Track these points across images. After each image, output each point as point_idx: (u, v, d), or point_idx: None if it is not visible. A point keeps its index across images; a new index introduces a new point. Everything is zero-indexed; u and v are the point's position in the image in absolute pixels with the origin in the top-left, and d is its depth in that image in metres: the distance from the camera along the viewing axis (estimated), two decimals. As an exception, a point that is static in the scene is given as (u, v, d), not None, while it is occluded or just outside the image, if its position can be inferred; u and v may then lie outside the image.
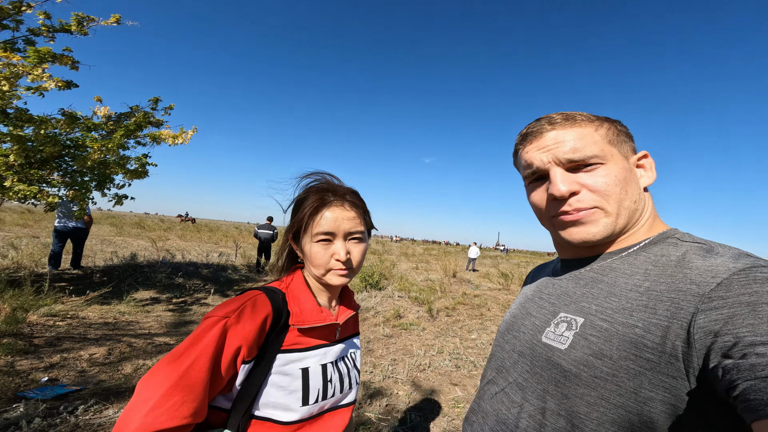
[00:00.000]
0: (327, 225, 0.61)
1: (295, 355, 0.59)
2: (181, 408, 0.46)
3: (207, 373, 0.49)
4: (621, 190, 0.46)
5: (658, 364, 0.36)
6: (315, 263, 0.62)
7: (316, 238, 0.62)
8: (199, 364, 0.49)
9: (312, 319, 0.61)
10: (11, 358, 2.26)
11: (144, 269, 5.26)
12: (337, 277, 0.63)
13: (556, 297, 0.52)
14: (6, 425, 1.61)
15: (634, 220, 0.48)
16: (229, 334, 0.52)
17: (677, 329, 0.36)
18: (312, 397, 0.59)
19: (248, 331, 0.53)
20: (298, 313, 0.61)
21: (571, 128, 0.48)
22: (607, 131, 0.48)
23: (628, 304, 0.41)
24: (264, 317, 0.56)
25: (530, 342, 0.50)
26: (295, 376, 0.58)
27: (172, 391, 0.47)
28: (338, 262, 0.62)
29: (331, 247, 0.62)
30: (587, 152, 0.46)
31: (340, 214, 0.62)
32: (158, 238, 9.71)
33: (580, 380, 0.41)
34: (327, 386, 0.61)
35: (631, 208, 0.47)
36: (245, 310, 0.55)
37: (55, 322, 3.00)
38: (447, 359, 3.17)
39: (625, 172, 0.47)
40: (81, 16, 3.60)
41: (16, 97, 3.09)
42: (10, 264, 4.76)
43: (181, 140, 3.97)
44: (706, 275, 0.37)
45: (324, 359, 0.63)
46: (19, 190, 3.06)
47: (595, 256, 0.51)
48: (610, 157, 0.47)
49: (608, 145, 0.47)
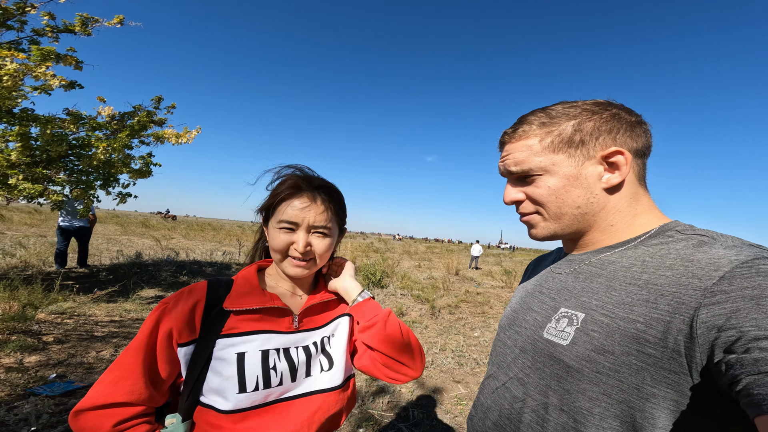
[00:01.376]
0: (291, 214, 0.61)
1: (231, 339, 0.58)
2: (117, 384, 0.51)
3: (142, 352, 0.53)
4: (557, 198, 0.50)
5: (660, 359, 0.36)
6: (274, 248, 0.63)
7: (279, 224, 0.62)
8: (134, 345, 0.54)
9: (247, 303, 0.60)
10: (20, 354, 2.30)
11: (149, 268, 5.32)
12: (292, 267, 0.62)
13: (557, 291, 0.51)
14: (16, 420, 1.64)
15: (588, 221, 0.50)
16: (164, 318, 0.56)
17: (679, 324, 0.36)
18: (249, 385, 0.56)
19: (179, 313, 0.56)
20: (234, 298, 0.61)
21: (518, 141, 0.52)
22: (554, 138, 0.49)
23: (628, 298, 0.41)
24: (195, 301, 0.58)
25: (532, 337, 0.50)
26: (230, 361, 0.56)
27: (112, 369, 0.53)
28: (296, 252, 0.62)
29: (292, 236, 0.62)
30: (525, 167, 0.51)
31: (308, 205, 0.62)
32: (163, 237, 9.80)
33: (582, 376, 0.41)
34: (269, 374, 0.58)
35: (574, 213, 0.50)
36: (182, 296, 0.58)
37: (63, 319, 3.05)
38: (450, 357, 3.17)
39: (565, 181, 0.49)
40: (85, 17, 3.63)
41: (23, 97, 3.12)
42: (18, 263, 4.83)
43: (185, 139, 3.99)
44: (708, 268, 0.37)
45: (266, 344, 0.59)
46: (24, 189, 3.09)
47: (594, 250, 0.51)
48: (551, 166, 0.49)
49: (551, 153, 0.49)
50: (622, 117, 0.49)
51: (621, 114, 0.49)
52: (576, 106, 0.50)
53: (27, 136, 3.23)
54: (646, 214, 0.49)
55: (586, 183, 0.48)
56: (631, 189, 0.49)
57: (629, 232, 0.49)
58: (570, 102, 0.52)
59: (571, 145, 0.48)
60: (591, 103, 0.51)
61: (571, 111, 0.50)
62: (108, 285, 4.31)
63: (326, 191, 0.65)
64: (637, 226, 0.49)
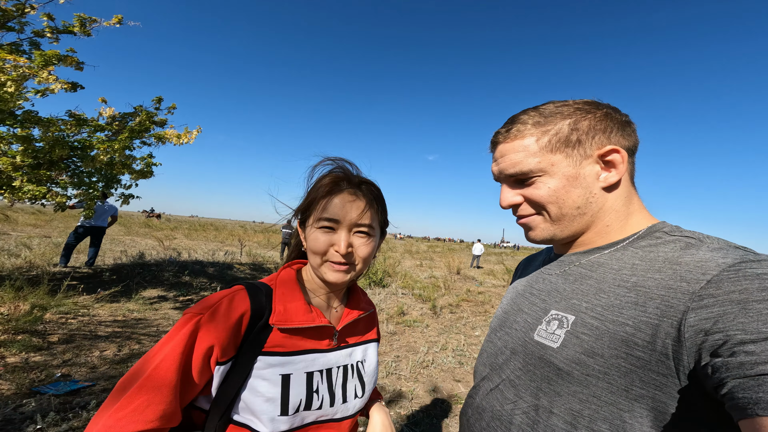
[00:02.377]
0: (332, 210, 0.56)
1: (276, 359, 0.53)
2: (145, 411, 0.43)
3: (176, 374, 0.45)
4: (557, 199, 0.48)
5: (649, 362, 0.36)
6: (312, 250, 0.57)
7: (318, 223, 0.56)
8: (167, 364, 0.45)
9: (296, 320, 0.55)
10: (26, 354, 2.33)
11: (152, 268, 5.36)
12: (332, 271, 0.56)
13: (547, 293, 0.51)
14: (22, 419, 1.66)
15: (587, 222, 0.49)
16: (200, 332, 0.48)
17: (667, 327, 0.36)
18: (292, 407, 0.52)
19: (221, 329, 0.49)
20: (281, 312, 0.54)
21: (513, 141, 0.51)
22: (551, 138, 0.48)
23: (617, 300, 0.41)
24: (240, 315, 0.51)
25: (522, 339, 0.50)
26: (275, 382, 0.52)
27: (137, 392, 0.43)
28: (336, 254, 0.55)
29: (332, 236, 0.56)
30: (523, 168, 0.49)
31: (349, 201, 0.57)
32: (165, 237, 9.86)
33: (572, 378, 0.41)
34: (312, 397, 0.55)
35: (574, 214, 0.49)
36: (220, 307, 0.51)
37: (68, 319, 3.09)
38: (450, 356, 3.18)
39: (564, 181, 0.48)
40: (84, 17, 3.64)
41: (24, 99, 3.14)
42: (23, 263, 4.89)
43: (186, 140, 4.01)
44: (696, 272, 0.37)
45: (311, 367, 0.56)
46: (29, 191, 3.13)
47: (583, 251, 0.51)
48: (549, 167, 0.48)
49: (549, 153, 0.48)
50: (613, 116, 0.49)
51: (611, 113, 0.49)
52: (568, 105, 0.50)
53: (30, 138, 3.26)
54: (637, 214, 0.49)
55: (584, 183, 0.48)
56: (626, 188, 0.49)
57: (621, 232, 0.49)
58: (560, 101, 0.52)
59: (569, 144, 0.48)
60: (582, 103, 0.50)
61: (564, 110, 0.49)
62: (111, 285, 4.35)
63: (368, 187, 0.60)
64: (629, 227, 0.49)
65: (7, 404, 1.75)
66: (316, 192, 0.59)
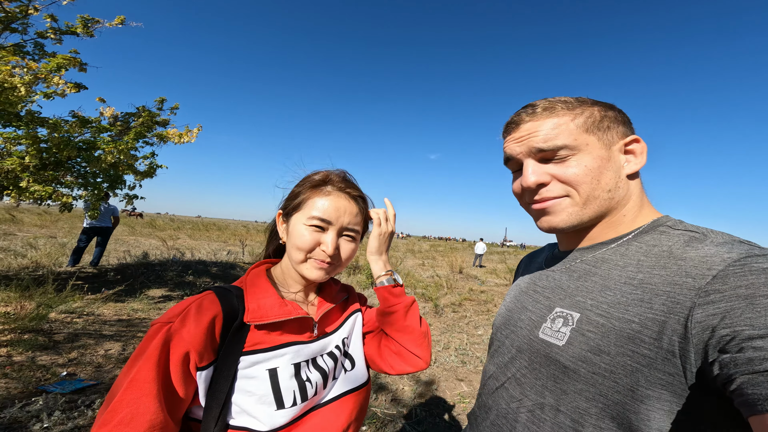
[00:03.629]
0: (327, 210, 0.56)
1: (258, 355, 0.53)
2: (131, 423, 0.42)
3: (154, 384, 0.45)
4: (592, 179, 0.46)
5: (655, 360, 0.36)
6: (297, 244, 0.56)
7: (310, 221, 0.56)
8: (143, 376, 0.45)
9: (272, 314, 0.55)
10: (32, 353, 2.36)
11: (156, 267, 5.40)
12: (314, 269, 0.57)
13: (551, 290, 0.51)
14: (28, 417, 1.68)
15: (611, 208, 0.48)
16: (173, 340, 0.48)
17: (674, 324, 0.35)
18: (287, 401, 0.52)
19: (194, 334, 0.48)
20: (255, 309, 0.54)
21: (547, 118, 0.48)
22: (586, 119, 0.48)
23: (623, 298, 0.41)
24: (211, 318, 0.50)
25: (527, 337, 0.50)
26: (262, 378, 0.52)
27: (119, 405, 0.43)
28: (323, 253, 0.57)
29: (321, 236, 0.57)
30: (558, 142, 0.47)
31: (344, 204, 0.58)
32: (169, 237, 9.94)
33: (578, 376, 0.41)
34: (305, 387, 0.55)
35: (604, 197, 0.47)
36: (189, 313, 0.50)
37: (73, 318, 3.12)
38: (453, 355, 3.17)
39: (599, 161, 0.46)
40: (87, 18, 3.66)
41: (32, 102, 3.17)
42: (29, 263, 4.95)
43: (187, 138, 4.03)
44: (701, 267, 0.36)
45: (296, 358, 0.56)
46: (35, 191, 3.16)
47: (586, 247, 0.50)
48: (584, 146, 0.47)
49: (584, 133, 0.47)
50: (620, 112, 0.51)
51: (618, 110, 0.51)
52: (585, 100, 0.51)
53: (36, 138, 3.30)
54: (647, 207, 0.50)
55: (615, 166, 0.47)
56: (640, 180, 0.50)
57: (631, 224, 0.48)
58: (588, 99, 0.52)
59: (600, 128, 0.47)
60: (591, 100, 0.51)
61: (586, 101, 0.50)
62: (116, 285, 4.39)
63: (359, 194, 0.63)
64: (639, 219, 0.49)
65: (14, 403, 1.77)
66: (310, 187, 0.59)
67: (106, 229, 5.35)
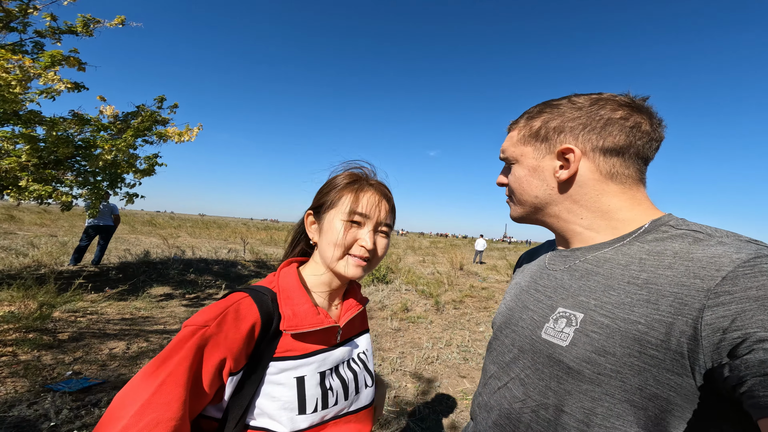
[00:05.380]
0: (366, 205, 0.57)
1: (288, 362, 0.53)
2: (155, 429, 0.41)
3: (185, 388, 0.44)
4: (519, 186, 0.55)
5: (663, 360, 0.36)
6: (334, 242, 0.56)
7: (348, 216, 0.56)
8: (174, 380, 0.43)
9: (307, 323, 0.55)
10: (37, 352, 2.37)
11: (157, 266, 5.41)
12: (353, 267, 0.57)
13: (552, 290, 0.51)
14: (36, 416, 1.70)
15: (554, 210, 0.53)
16: (209, 345, 0.47)
17: (682, 326, 0.35)
18: (309, 407, 0.53)
19: (232, 340, 0.48)
20: (290, 317, 0.54)
21: (510, 131, 0.58)
22: (525, 132, 0.55)
23: (627, 298, 0.40)
24: (251, 325, 0.50)
25: (530, 337, 0.50)
26: (290, 386, 0.52)
27: (145, 409, 0.41)
28: (362, 249, 0.56)
29: (358, 231, 0.57)
30: (505, 155, 0.58)
31: (379, 200, 0.59)
32: (169, 235, 9.94)
33: (583, 377, 0.41)
34: (327, 395, 0.56)
35: (532, 202, 0.54)
36: (227, 317, 0.49)
37: (77, 317, 3.13)
38: (455, 352, 3.20)
39: (527, 170, 0.54)
40: (87, 18, 3.63)
41: (30, 100, 3.15)
42: (31, 262, 4.95)
43: (187, 137, 4.01)
44: (710, 268, 0.36)
45: (322, 366, 0.57)
46: (35, 190, 3.15)
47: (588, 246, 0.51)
48: (520, 157, 0.55)
49: (521, 145, 0.55)
50: (598, 114, 0.49)
51: (599, 111, 0.49)
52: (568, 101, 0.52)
53: (34, 138, 3.28)
54: (627, 210, 0.49)
55: (542, 175, 0.52)
56: (593, 185, 0.49)
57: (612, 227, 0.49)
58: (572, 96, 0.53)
59: (537, 138, 0.53)
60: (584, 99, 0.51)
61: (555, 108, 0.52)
62: (118, 283, 4.40)
63: (388, 191, 0.64)
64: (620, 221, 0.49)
65: (21, 401, 1.79)
66: (345, 184, 0.60)
67: (107, 227, 5.35)
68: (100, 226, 5.27)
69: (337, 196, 0.59)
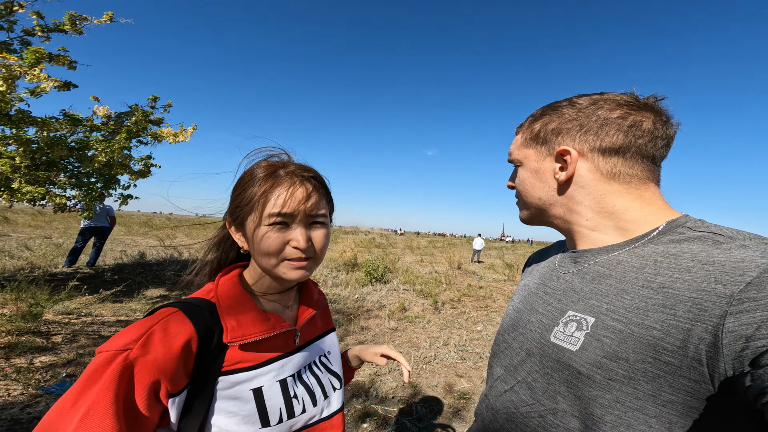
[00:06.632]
0: (284, 204, 0.49)
1: (240, 375, 0.49)
2: None
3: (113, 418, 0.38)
4: (524, 188, 0.56)
5: (680, 367, 0.35)
6: (265, 251, 0.50)
7: (268, 220, 0.49)
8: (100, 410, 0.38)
9: (254, 331, 0.50)
10: (30, 354, 2.34)
11: (153, 267, 5.37)
12: (293, 269, 0.51)
13: (562, 293, 0.50)
14: (30, 419, 1.68)
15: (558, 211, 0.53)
16: (136, 368, 0.41)
17: (701, 333, 0.34)
18: (273, 419, 0.50)
19: (163, 361, 0.42)
20: (234, 327, 0.49)
21: (516, 135, 0.59)
22: (526, 135, 0.56)
23: (641, 302, 0.39)
24: (184, 341, 0.45)
25: (538, 341, 0.49)
26: (246, 399, 0.48)
27: None
28: (297, 251, 0.50)
29: (287, 233, 0.50)
30: (511, 158, 0.59)
31: (299, 192, 0.51)
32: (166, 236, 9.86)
33: (593, 382, 0.40)
34: (292, 403, 0.52)
35: (537, 204, 0.55)
36: (152, 337, 0.43)
37: (71, 319, 3.10)
38: (452, 351, 3.20)
39: (530, 173, 0.55)
40: (74, 15, 3.58)
41: (18, 99, 3.11)
42: (24, 264, 4.90)
43: (182, 138, 3.98)
44: (733, 273, 0.34)
45: (281, 374, 0.53)
46: (27, 192, 3.11)
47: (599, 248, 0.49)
48: (524, 159, 0.56)
49: (525, 148, 0.56)
50: (595, 114, 0.48)
51: (596, 111, 0.48)
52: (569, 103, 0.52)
53: (26, 139, 3.24)
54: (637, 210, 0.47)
55: (544, 177, 0.53)
56: (595, 186, 0.48)
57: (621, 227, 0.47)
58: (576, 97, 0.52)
59: (537, 141, 0.53)
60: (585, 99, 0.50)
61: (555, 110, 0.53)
62: (113, 285, 4.36)
63: (311, 173, 0.55)
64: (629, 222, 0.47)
65: (14, 405, 1.77)
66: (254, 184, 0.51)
67: (103, 229, 5.31)
68: (96, 228, 5.24)
69: (249, 198, 0.51)
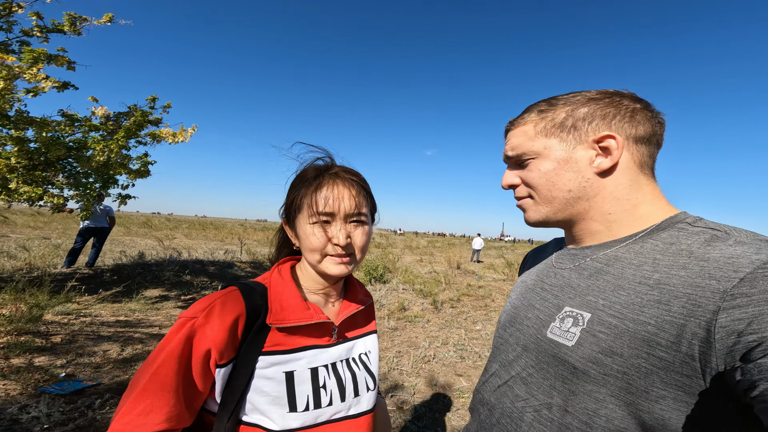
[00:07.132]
0: (325, 203, 0.55)
1: (278, 357, 0.53)
2: (150, 414, 0.44)
3: (175, 377, 0.46)
4: (547, 181, 0.50)
5: (672, 363, 0.35)
6: (309, 247, 0.56)
7: (312, 218, 0.55)
8: (166, 368, 0.46)
9: (293, 318, 0.54)
10: (29, 355, 2.34)
11: (152, 268, 5.36)
12: (334, 265, 0.56)
13: (560, 289, 0.50)
14: (29, 419, 1.68)
15: (578, 206, 0.49)
16: (196, 336, 0.48)
17: (694, 328, 0.34)
18: (300, 404, 0.53)
19: (216, 332, 0.49)
20: (278, 311, 0.54)
21: (517, 128, 0.54)
22: (546, 123, 0.51)
23: (637, 298, 0.39)
24: (235, 317, 0.50)
25: (535, 336, 0.49)
26: (278, 380, 0.52)
27: (140, 396, 0.45)
28: (336, 247, 0.55)
29: (329, 230, 0.55)
30: (519, 151, 0.53)
31: (340, 192, 0.56)
32: (165, 237, 9.86)
33: (588, 377, 0.40)
34: (319, 393, 0.55)
35: (564, 197, 0.50)
36: (214, 309, 0.50)
37: (70, 320, 3.10)
38: (452, 350, 3.21)
39: (555, 164, 0.50)
40: (74, 16, 3.57)
41: (17, 99, 3.10)
42: (23, 265, 4.88)
43: (182, 138, 3.97)
44: (727, 269, 0.35)
45: (314, 362, 0.56)
46: (24, 192, 3.11)
47: (598, 244, 0.49)
48: (543, 150, 0.50)
49: (544, 138, 0.51)
50: (622, 104, 0.48)
51: (622, 101, 0.48)
52: (580, 94, 0.51)
53: (24, 139, 3.23)
54: (648, 204, 0.47)
55: (576, 167, 0.48)
56: (629, 175, 0.47)
57: (631, 223, 0.47)
58: (578, 91, 0.52)
59: (563, 129, 0.49)
60: (595, 92, 0.50)
61: (571, 98, 0.50)
62: (112, 285, 4.36)
63: (353, 174, 0.60)
64: (639, 218, 0.46)
65: (13, 404, 1.77)
66: (302, 186, 0.58)
67: (102, 229, 5.30)
68: (95, 228, 5.23)
69: (299, 201, 0.57)
